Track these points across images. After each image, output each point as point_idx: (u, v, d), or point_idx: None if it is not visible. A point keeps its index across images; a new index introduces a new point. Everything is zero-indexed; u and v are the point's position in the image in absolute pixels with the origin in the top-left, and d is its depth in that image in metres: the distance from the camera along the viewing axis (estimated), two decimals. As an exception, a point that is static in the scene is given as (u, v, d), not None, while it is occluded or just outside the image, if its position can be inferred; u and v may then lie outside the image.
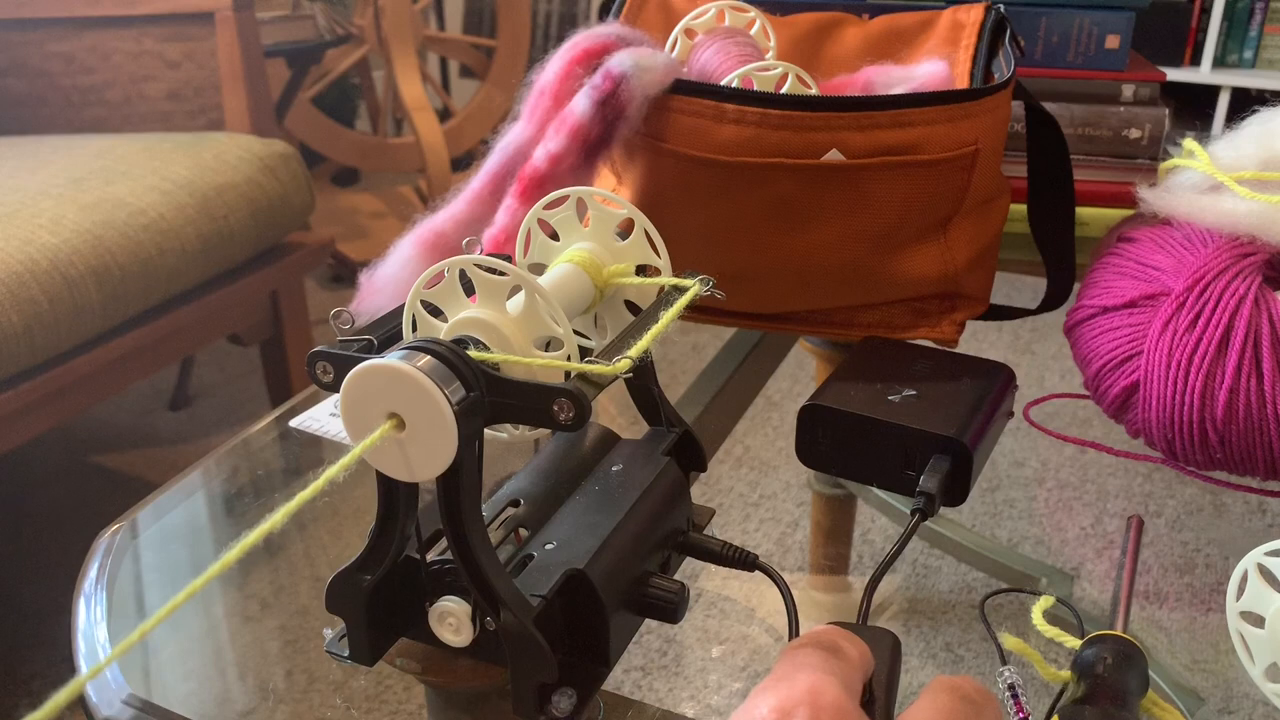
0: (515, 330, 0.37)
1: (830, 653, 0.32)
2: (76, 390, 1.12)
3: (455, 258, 0.38)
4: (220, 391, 1.84)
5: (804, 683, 0.30)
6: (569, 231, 0.45)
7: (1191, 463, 0.53)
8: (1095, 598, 0.58)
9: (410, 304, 0.39)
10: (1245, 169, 0.56)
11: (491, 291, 0.38)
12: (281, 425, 0.64)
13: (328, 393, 0.37)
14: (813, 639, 0.33)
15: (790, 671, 0.31)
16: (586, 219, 0.45)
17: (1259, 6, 2.46)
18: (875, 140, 0.53)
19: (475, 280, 0.38)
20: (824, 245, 0.56)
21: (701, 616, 0.56)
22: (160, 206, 1.18)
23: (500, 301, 0.38)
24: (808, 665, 0.31)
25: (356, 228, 2.46)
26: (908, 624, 0.61)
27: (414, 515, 0.37)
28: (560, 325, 0.37)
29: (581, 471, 0.44)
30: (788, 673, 0.31)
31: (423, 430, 0.33)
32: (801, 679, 0.30)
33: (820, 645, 0.33)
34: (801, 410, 0.51)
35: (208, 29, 1.42)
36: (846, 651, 0.33)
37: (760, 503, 0.73)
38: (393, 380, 0.33)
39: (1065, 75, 0.78)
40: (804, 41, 0.68)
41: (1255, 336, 0.50)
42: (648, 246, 0.44)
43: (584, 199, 0.44)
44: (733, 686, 0.52)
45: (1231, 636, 0.43)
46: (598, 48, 0.54)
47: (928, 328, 0.60)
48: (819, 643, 0.33)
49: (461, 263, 0.38)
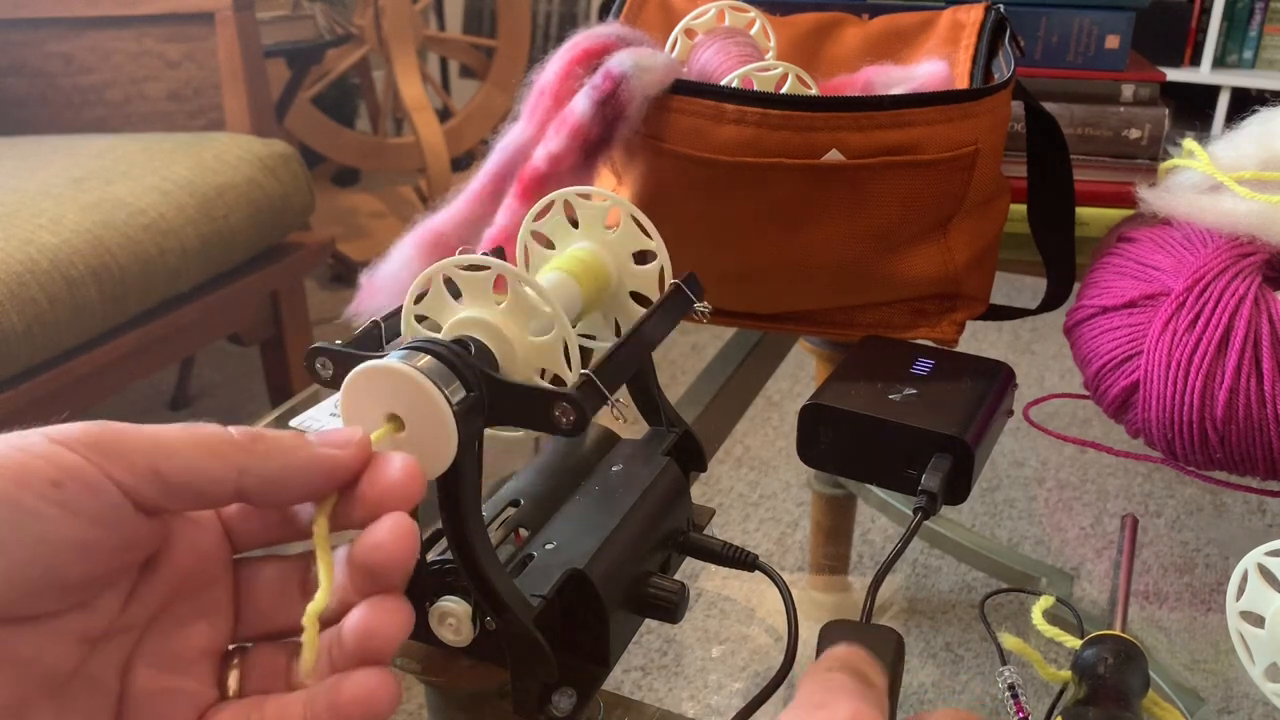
0: (507, 321, 0.37)
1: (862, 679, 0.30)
2: (76, 390, 1.12)
3: (435, 265, 0.38)
4: (220, 391, 1.84)
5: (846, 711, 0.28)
6: (562, 235, 0.45)
7: (1191, 463, 0.53)
8: (1095, 598, 0.58)
9: (405, 320, 0.39)
10: (1245, 169, 0.56)
11: (477, 289, 0.37)
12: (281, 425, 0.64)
13: (327, 389, 0.37)
14: (841, 662, 0.31)
15: (827, 699, 0.29)
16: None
17: (1259, 6, 2.46)
18: (875, 140, 0.53)
19: (459, 282, 0.38)
20: (824, 245, 0.56)
21: (701, 616, 0.56)
22: (160, 206, 1.18)
23: (488, 297, 0.37)
24: (845, 691, 0.29)
25: (356, 228, 2.46)
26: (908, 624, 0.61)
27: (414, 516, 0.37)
28: (548, 305, 0.37)
29: (581, 471, 0.44)
30: (824, 700, 0.29)
31: (422, 431, 0.33)
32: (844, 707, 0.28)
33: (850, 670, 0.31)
34: (803, 409, 0.51)
35: (208, 29, 1.42)
36: (874, 681, 0.31)
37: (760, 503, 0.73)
38: (392, 381, 0.33)
39: (1065, 75, 0.78)
40: (804, 41, 0.68)
41: (1255, 336, 0.50)
42: (639, 233, 0.44)
43: (569, 201, 0.44)
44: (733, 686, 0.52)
45: (1231, 636, 0.43)
46: (598, 48, 0.54)
47: (928, 328, 0.60)
48: (849, 667, 0.31)
49: (442, 269, 0.38)
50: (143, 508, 0.28)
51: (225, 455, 0.29)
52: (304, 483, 0.30)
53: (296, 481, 0.30)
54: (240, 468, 0.29)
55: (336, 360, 0.36)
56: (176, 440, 0.28)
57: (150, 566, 0.30)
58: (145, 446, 0.28)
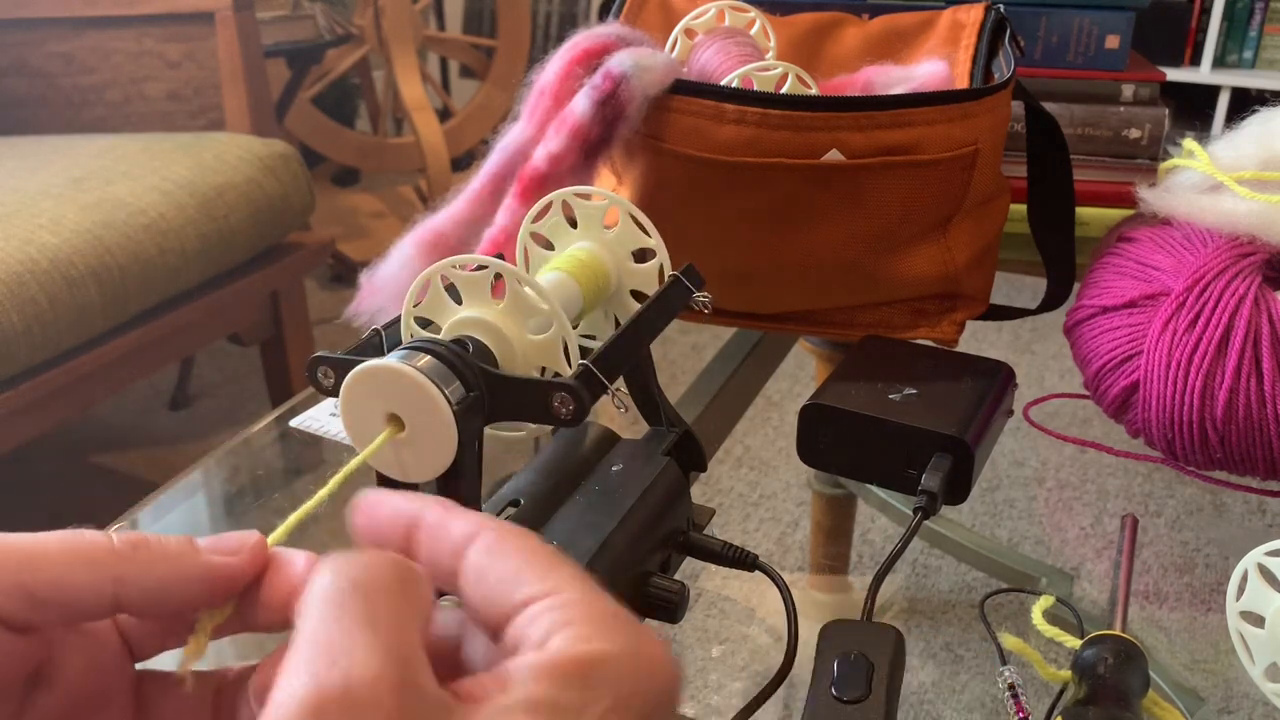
0: (506, 320, 0.37)
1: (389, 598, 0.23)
2: (76, 390, 1.12)
3: (432, 266, 0.38)
4: (220, 391, 1.84)
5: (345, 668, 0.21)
6: (561, 236, 0.45)
7: (1191, 463, 0.53)
8: (1095, 598, 0.58)
9: (405, 324, 0.39)
10: (1245, 169, 0.56)
11: (475, 289, 0.37)
12: (281, 425, 0.64)
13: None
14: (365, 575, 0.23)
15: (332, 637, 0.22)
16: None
17: (1259, 6, 2.46)
18: (875, 140, 0.53)
19: (458, 282, 0.38)
20: (824, 245, 0.56)
21: (701, 616, 0.56)
22: (160, 206, 1.18)
23: (487, 297, 0.37)
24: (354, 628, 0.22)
25: (356, 228, 2.46)
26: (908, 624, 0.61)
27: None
28: (546, 302, 0.37)
29: (581, 471, 0.44)
30: (328, 639, 0.22)
31: (422, 431, 0.33)
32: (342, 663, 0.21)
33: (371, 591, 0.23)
34: (803, 409, 0.51)
35: (208, 29, 1.42)
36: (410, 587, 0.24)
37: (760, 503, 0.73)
38: (392, 381, 0.33)
39: (1065, 75, 0.78)
40: (804, 41, 0.68)
41: (1255, 336, 0.50)
42: (638, 231, 0.44)
43: (568, 201, 0.44)
44: (733, 686, 0.52)
45: (1231, 636, 0.43)
46: (598, 48, 0.54)
47: (928, 328, 0.60)
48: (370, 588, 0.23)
49: (441, 269, 0.38)
50: (11, 626, 0.26)
51: (101, 564, 0.26)
52: (190, 593, 0.27)
53: (181, 592, 0.27)
54: (116, 578, 0.26)
55: (338, 368, 0.36)
56: (47, 551, 0.26)
57: (37, 683, 0.27)
58: (13, 561, 0.25)
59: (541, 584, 0.24)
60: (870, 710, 0.37)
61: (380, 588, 0.23)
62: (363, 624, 0.22)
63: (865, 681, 0.38)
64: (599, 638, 0.23)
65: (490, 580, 0.24)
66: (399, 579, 0.24)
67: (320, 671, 0.21)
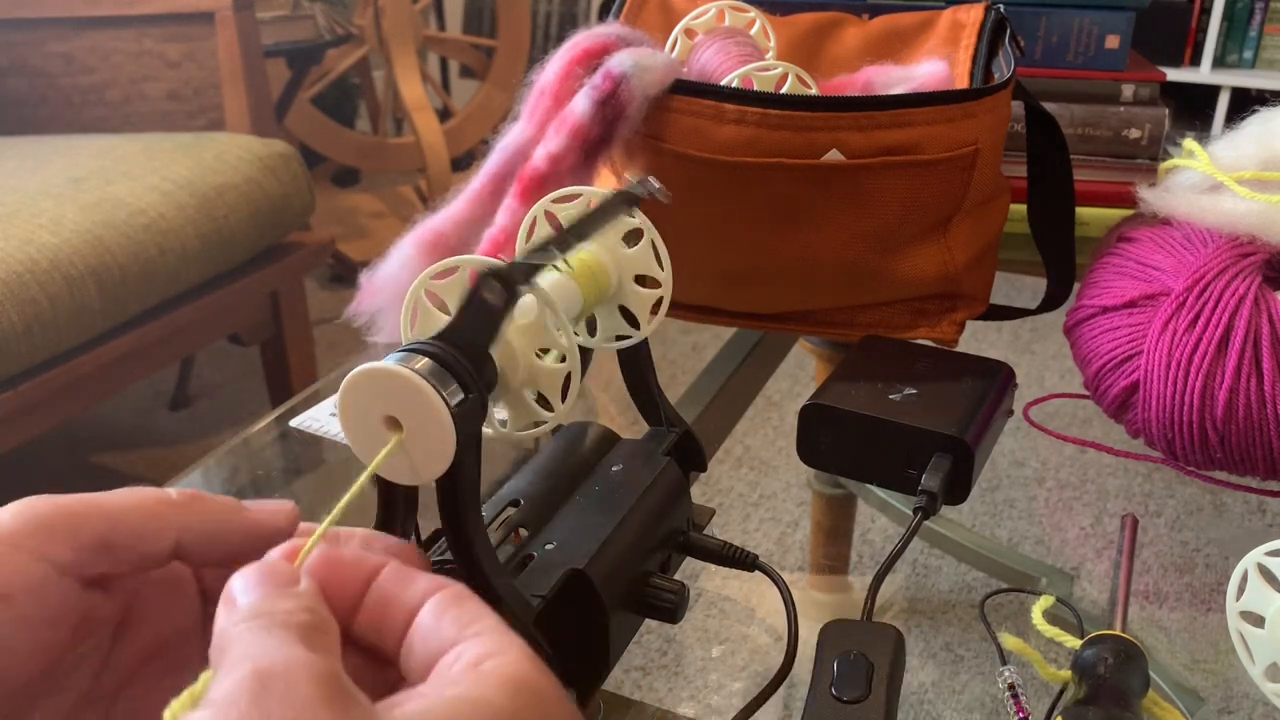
0: (519, 336, 0.37)
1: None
2: (76, 390, 1.12)
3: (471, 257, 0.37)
4: (220, 391, 1.84)
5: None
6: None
7: (1191, 463, 0.53)
8: (1095, 598, 0.58)
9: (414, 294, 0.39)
10: (1245, 169, 0.56)
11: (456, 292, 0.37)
12: (281, 425, 0.64)
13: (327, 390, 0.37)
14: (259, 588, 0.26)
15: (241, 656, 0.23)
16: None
17: (1259, 6, 2.46)
18: (875, 140, 0.53)
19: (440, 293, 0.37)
20: (824, 245, 0.56)
21: (701, 616, 0.56)
22: (160, 206, 1.18)
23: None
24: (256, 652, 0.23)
25: (356, 228, 2.46)
26: (908, 624, 0.61)
27: (414, 517, 0.37)
28: (565, 337, 0.37)
29: (581, 471, 0.44)
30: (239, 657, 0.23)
31: (421, 433, 0.33)
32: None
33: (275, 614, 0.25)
34: (803, 409, 0.51)
35: (208, 29, 1.42)
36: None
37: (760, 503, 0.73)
38: (390, 383, 0.33)
39: (1065, 75, 0.78)
40: (804, 41, 0.68)
41: (1255, 336, 0.50)
42: (653, 259, 0.44)
43: (596, 200, 0.44)
44: (733, 686, 0.52)
45: (1231, 636, 0.43)
46: (598, 48, 0.54)
47: (928, 327, 0.60)
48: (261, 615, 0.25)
49: (475, 263, 0.37)
50: (92, 582, 0.28)
51: (164, 516, 0.29)
52: (235, 543, 0.31)
53: (228, 541, 0.30)
54: (179, 526, 0.29)
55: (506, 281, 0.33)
56: (123, 506, 0.29)
57: (123, 631, 0.30)
58: (92, 517, 0.28)
59: (472, 628, 0.27)
60: (870, 710, 0.37)
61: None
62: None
63: (865, 681, 0.38)
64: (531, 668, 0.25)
65: (428, 627, 0.27)
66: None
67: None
